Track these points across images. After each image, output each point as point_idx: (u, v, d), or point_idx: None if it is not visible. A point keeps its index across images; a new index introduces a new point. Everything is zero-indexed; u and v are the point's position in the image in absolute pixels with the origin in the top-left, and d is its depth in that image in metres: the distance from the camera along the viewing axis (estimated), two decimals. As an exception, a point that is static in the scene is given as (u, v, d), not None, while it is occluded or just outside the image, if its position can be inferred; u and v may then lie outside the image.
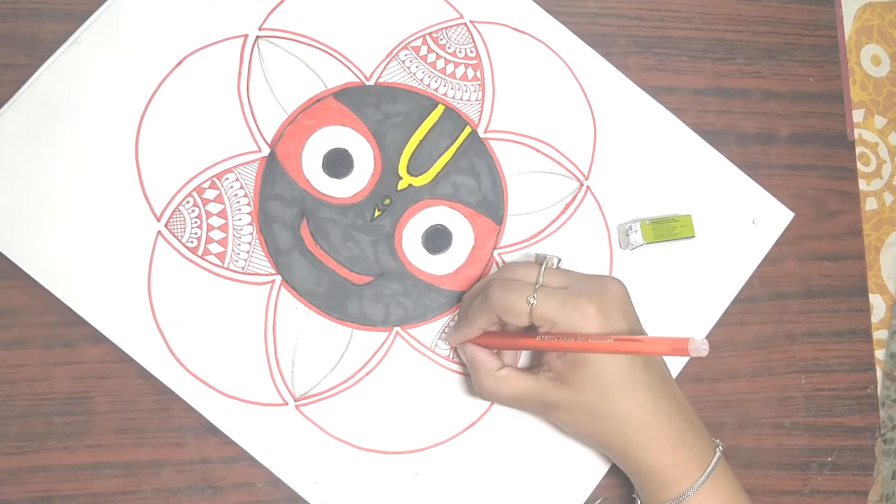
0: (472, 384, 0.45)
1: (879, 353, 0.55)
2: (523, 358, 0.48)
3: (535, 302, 0.41)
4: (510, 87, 0.51)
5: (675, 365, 0.49)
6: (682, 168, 0.52)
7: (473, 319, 0.44)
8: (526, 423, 0.48)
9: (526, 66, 0.52)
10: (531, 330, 0.43)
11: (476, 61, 0.51)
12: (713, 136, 0.53)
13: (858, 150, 0.58)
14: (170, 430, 0.45)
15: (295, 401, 0.46)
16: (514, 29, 0.52)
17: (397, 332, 0.48)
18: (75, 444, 0.44)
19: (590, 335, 0.40)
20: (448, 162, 0.50)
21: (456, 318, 0.48)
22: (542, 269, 0.43)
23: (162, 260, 0.46)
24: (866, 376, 0.53)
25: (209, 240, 0.47)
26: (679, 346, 0.35)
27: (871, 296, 0.55)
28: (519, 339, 0.43)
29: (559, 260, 0.44)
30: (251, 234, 0.47)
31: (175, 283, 0.46)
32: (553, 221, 0.50)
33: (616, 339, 0.39)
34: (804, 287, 0.53)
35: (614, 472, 0.48)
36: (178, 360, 0.45)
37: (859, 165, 0.57)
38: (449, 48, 0.51)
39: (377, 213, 0.48)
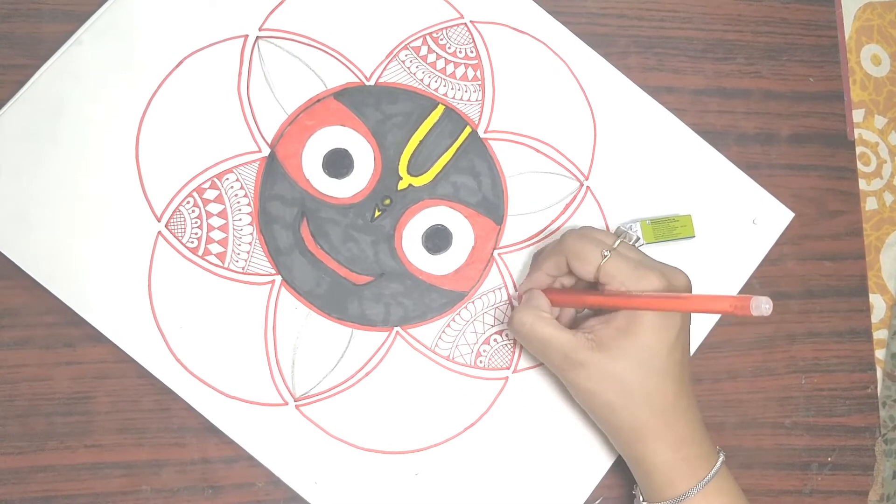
0: (511, 315, 0.45)
1: (880, 353, 0.55)
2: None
3: (609, 257, 0.42)
4: (510, 87, 0.51)
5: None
6: (682, 168, 0.52)
7: (542, 262, 0.45)
8: (526, 423, 0.48)
9: (526, 66, 0.52)
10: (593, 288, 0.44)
11: (476, 61, 0.51)
12: (713, 136, 0.53)
13: (858, 149, 0.58)
14: (170, 430, 0.45)
15: (295, 401, 0.46)
16: (514, 29, 0.52)
17: (397, 332, 0.48)
18: (76, 445, 0.44)
19: (655, 291, 0.40)
20: (448, 162, 0.50)
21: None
22: (620, 239, 0.44)
23: (162, 260, 0.46)
24: (866, 376, 0.53)
25: (209, 240, 0.47)
26: (741, 304, 0.35)
27: (871, 296, 0.55)
28: (584, 295, 0.44)
29: (638, 239, 0.46)
30: (251, 234, 0.47)
31: (175, 283, 0.46)
32: (553, 221, 0.50)
33: (677, 296, 0.39)
34: (804, 287, 0.53)
35: (614, 471, 0.48)
36: (178, 361, 0.45)
37: (859, 165, 0.57)
38: (449, 48, 0.51)
39: (377, 213, 0.48)
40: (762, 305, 0.34)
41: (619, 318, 0.41)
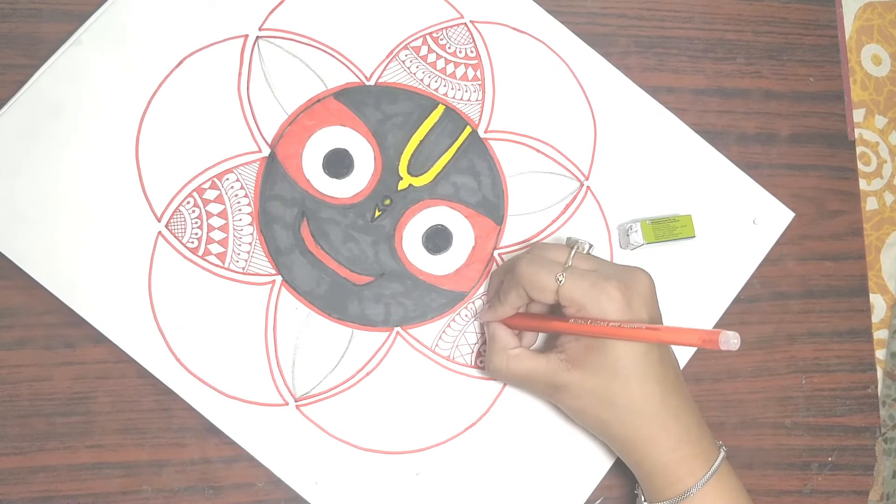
0: (485, 361, 0.45)
1: (880, 353, 0.55)
2: (539, 342, 0.48)
3: (564, 281, 0.41)
4: (510, 87, 0.51)
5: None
6: (682, 168, 0.52)
7: (505, 297, 0.44)
8: (526, 423, 0.48)
9: (526, 66, 0.52)
10: (555, 310, 0.43)
11: (476, 61, 0.51)
12: (713, 136, 0.53)
13: (859, 149, 0.58)
14: (170, 430, 0.45)
15: (295, 401, 0.46)
16: (514, 29, 0.52)
17: (398, 333, 0.48)
18: (76, 445, 0.44)
19: (621, 322, 0.40)
20: (448, 162, 0.50)
21: (485, 296, 0.48)
22: (573, 252, 0.43)
23: (162, 260, 0.46)
24: (867, 376, 0.53)
25: (209, 240, 0.47)
26: (710, 339, 0.35)
27: (871, 296, 0.55)
28: (550, 321, 0.43)
29: (591, 246, 0.44)
30: (252, 234, 0.47)
31: (175, 283, 0.46)
32: (553, 221, 0.50)
33: (647, 327, 0.39)
34: (804, 287, 0.53)
35: (615, 472, 0.48)
36: (178, 361, 0.45)
37: (860, 165, 0.57)
38: (449, 48, 0.51)
39: (377, 214, 0.48)
40: (731, 340, 0.34)
41: None
